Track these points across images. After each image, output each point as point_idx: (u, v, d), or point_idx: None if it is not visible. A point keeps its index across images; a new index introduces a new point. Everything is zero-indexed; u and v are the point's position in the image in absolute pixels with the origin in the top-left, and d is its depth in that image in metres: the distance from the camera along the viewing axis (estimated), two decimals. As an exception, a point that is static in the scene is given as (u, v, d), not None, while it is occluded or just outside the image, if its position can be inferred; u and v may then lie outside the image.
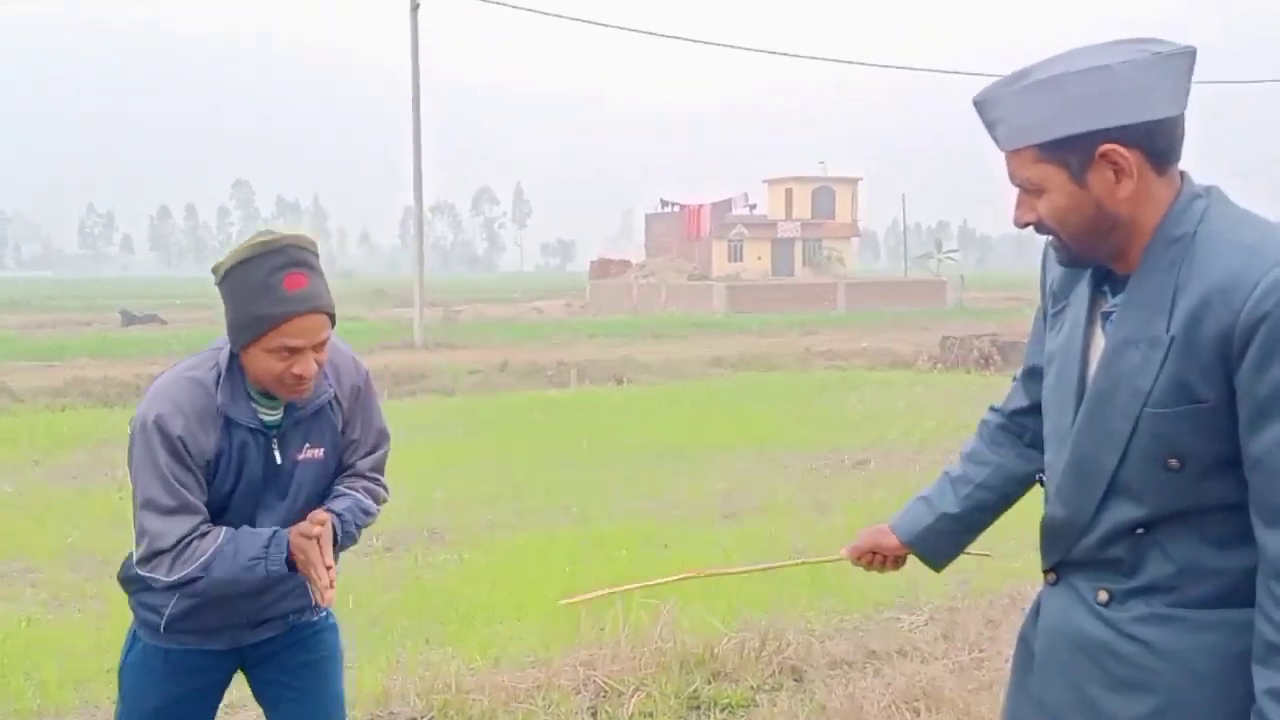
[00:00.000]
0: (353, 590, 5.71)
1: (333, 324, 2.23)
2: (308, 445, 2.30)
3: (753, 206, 60.20)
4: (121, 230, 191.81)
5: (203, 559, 2.16)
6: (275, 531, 2.21)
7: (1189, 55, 1.52)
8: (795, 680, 4.24)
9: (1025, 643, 1.81)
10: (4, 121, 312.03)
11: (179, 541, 2.16)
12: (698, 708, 4.00)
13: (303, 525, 2.21)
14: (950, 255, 70.44)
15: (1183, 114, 1.53)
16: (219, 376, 2.21)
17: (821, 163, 64.66)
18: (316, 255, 2.22)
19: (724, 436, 10.96)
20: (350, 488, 2.37)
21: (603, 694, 4.05)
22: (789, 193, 61.78)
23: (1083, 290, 1.68)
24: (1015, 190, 1.62)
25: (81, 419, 12.84)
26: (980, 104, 1.59)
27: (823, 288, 45.40)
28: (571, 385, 16.57)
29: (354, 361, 2.40)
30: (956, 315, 36.25)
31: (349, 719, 3.77)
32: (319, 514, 2.25)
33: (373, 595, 5.63)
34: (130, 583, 2.35)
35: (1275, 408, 1.46)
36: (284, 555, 2.20)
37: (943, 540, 2.01)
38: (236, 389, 2.22)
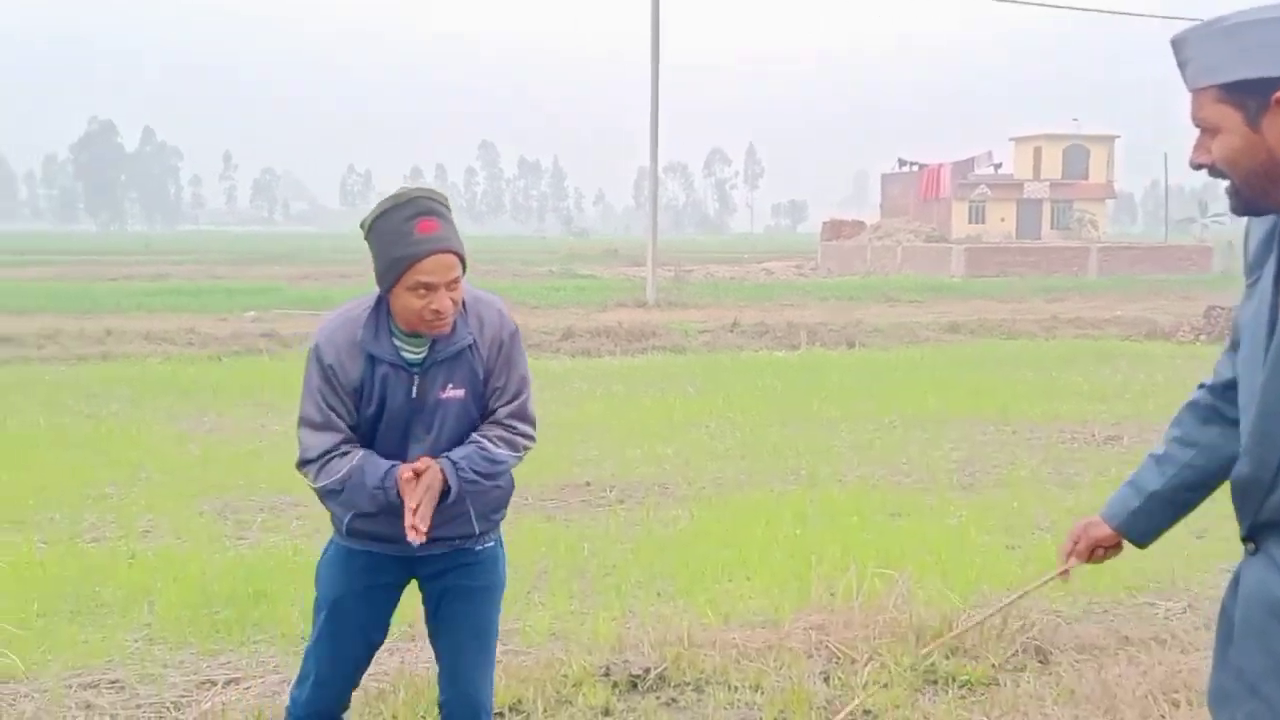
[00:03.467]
0: (587, 539, 5.88)
1: (463, 266, 2.48)
2: (450, 385, 2.54)
3: (997, 166, 57.46)
4: (378, 188, 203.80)
5: (339, 475, 2.50)
6: (391, 467, 2.49)
7: None
8: (1040, 662, 4.04)
9: (1225, 614, 1.81)
10: (278, 94, 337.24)
11: (323, 454, 2.52)
12: (934, 681, 3.87)
13: (405, 466, 2.48)
14: (1217, 219, 64.96)
15: None
16: (369, 316, 2.52)
17: (1075, 119, 60.87)
18: (447, 207, 2.49)
19: (961, 404, 10.56)
20: (482, 435, 2.58)
21: (835, 660, 3.99)
22: (1038, 151, 58.57)
23: (1273, 259, 1.70)
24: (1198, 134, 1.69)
25: (341, 365, 13.76)
26: (1176, 43, 1.67)
27: (1072, 252, 42.91)
28: (801, 347, 16.40)
29: (500, 315, 2.61)
30: (1222, 284, 33.45)
31: (588, 664, 3.90)
32: (425, 461, 2.49)
33: (606, 546, 5.77)
34: (321, 497, 2.65)
35: None
36: (395, 486, 2.47)
37: (1151, 520, 2.06)
38: (381, 328, 2.52)
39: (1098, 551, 2.14)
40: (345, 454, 2.51)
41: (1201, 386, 2.04)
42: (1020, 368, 13.43)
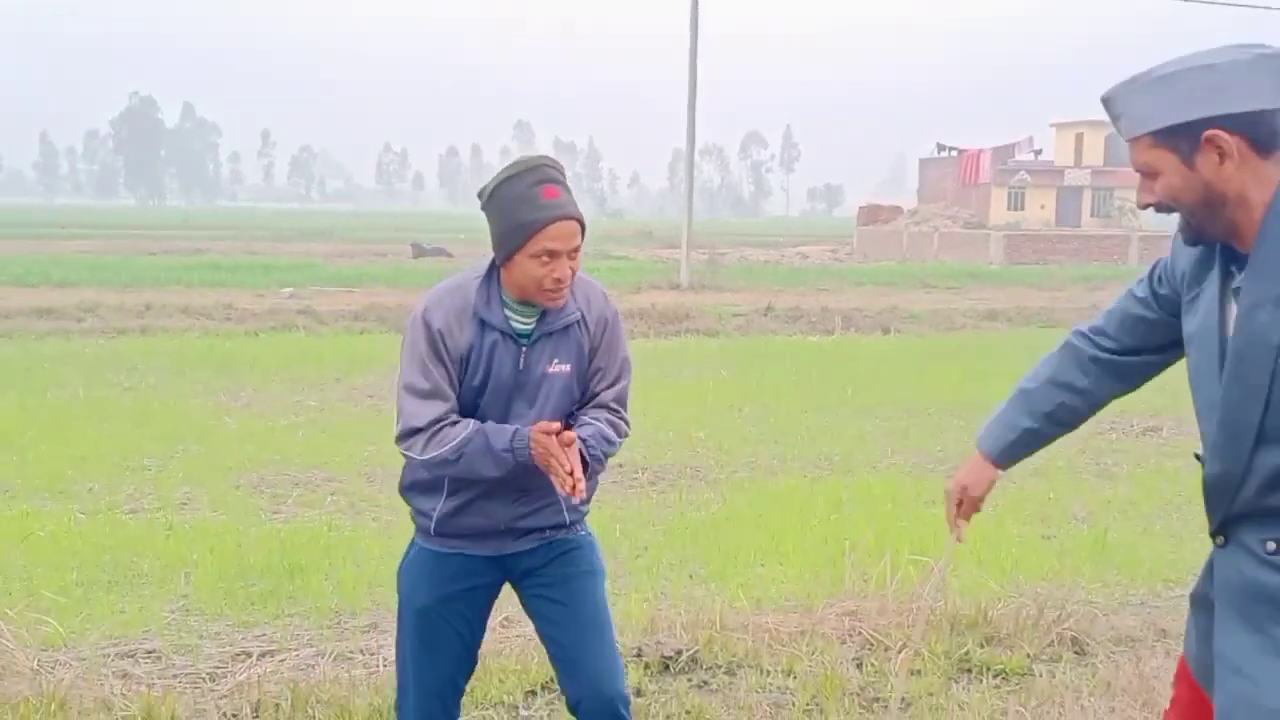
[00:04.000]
0: (620, 520, 5.88)
1: (583, 234, 2.45)
2: (556, 360, 2.49)
3: (1038, 152, 56.78)
4: (414, 168, 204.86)
5: (454, 443, 2.40)
6: (517, 429, 2.42)
7: None
8: (1076, 653, 4.00)
9: (1205, 600, 1.98)
10: (316, 72, 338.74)
11: (432, 423, 2.41)
12: (969, 670, 3.85)
13: (541, 424, 2.39)
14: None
15: None
16: (479, 284, 2.48)
17: (1118, 105, 59.88)
18: (564, 175, 2.47)
19: (999, 393, 10.37)
20: (594, 418, 2.52)
21: (868, 646, 3.97)
22: (1079, 138, 57.78)
23: (1214, 275, 1.89)
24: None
25: (377, 342, 13.86)
26: (1106, 101, 1.88)
27: (1113, 240, 42.36)
28: (836, 332, 16.33)
29: (605, 296, 2.59)
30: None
31: (619, 644, 3.90)
32: (555, 424, 2.41)
33: (639, 528, 5.77)
34: (407, 491, 2.58)
35: None
36: (527, 448, 2.38)
37: (1021, 450, 2.33)
38: (493, 296, 2.47)
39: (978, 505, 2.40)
40: (456, 423, 2.43)
41: (1082, 334, 2.27)
42: (1058, 357, 13.30)
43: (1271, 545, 1.81)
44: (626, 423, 2.58)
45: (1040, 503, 6.49)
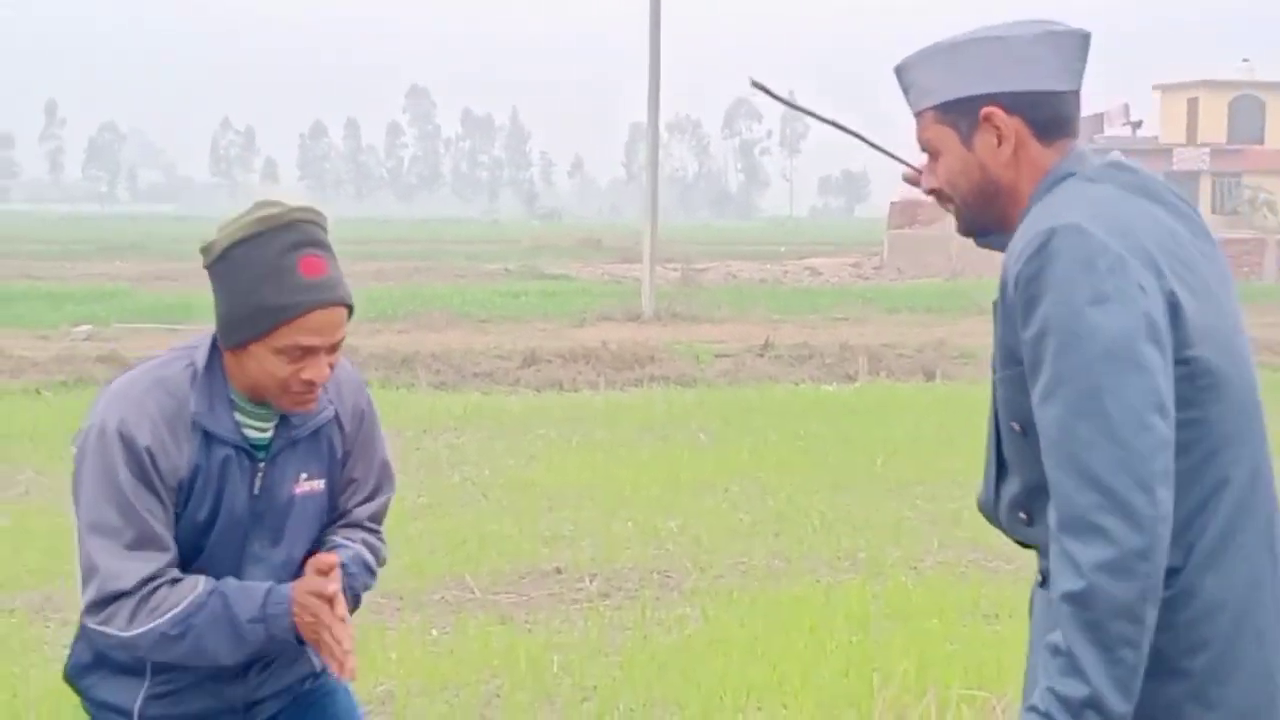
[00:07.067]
0: (557, 649, 5.90)
1: (349, 318, 2.45)
2: (305, 476, 2.52)
3: (1136, 125, 57.87)
4: (264, 153, 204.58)
5: (176, 611, 2.33)
6: (271, 586, 2.40)
7: (1081, 36, 2.22)
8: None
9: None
10: (122, 18, 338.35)
11: (143, 583, 2.32)
12: None
13: (310, 580, 2.40)
14: None
15: (1074, 91, 2.22)
16: (194, 377, 2.42)
17: (1245, 60, 61.37)
18: (327, 231, 2.45)
19: (1086, 460, 10.63)
20: (348, 538, 2.58)
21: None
22: (1192, 104, 59.04)
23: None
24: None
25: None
26: (898, 70, 2.31)
27: (1242, 245, 43.15)
28: (860, 378, 16.48)
29: (358, 381, 2.66)
30: None
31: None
32: (326, 558, 2.43)
33: (583, 660, 5.79)
34: (83, 676, 2.53)
35: (1034, 370, 2.02)
36: (287, 616, 2.38)
37: None
38: (216, 395, 2.43)
39: None
40: (177, 581, 2.36)
41: None
42: (1169, 409, 13.52)
43: (1039, 577, 2.23)
44: (385, 546, 2.68)
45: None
